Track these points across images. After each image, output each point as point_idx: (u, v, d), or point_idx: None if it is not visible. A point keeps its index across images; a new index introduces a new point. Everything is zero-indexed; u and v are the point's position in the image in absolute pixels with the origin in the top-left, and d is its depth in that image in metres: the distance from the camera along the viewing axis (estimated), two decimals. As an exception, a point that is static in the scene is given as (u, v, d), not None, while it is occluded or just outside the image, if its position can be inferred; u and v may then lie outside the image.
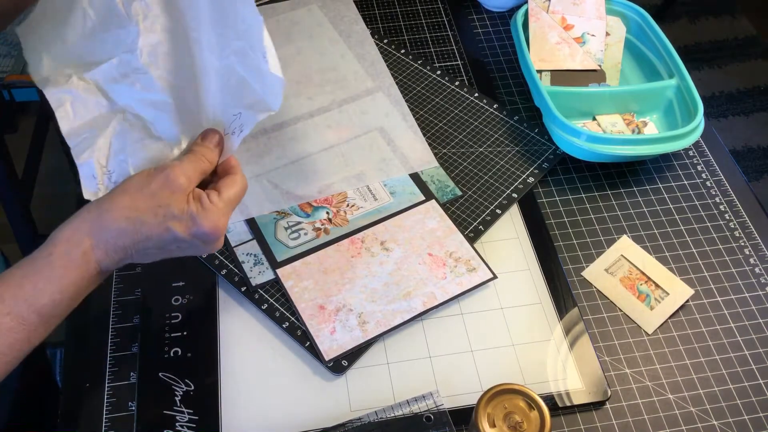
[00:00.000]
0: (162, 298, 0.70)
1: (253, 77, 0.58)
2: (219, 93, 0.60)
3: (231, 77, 0.59)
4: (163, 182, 0.54)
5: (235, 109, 0.59)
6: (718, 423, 0.64)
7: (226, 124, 0.60)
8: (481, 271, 0.71)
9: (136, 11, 0.58)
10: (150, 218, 0.53)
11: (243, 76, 0.58)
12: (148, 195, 0.54)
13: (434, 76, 0.90)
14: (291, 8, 0.96)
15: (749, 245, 0.76)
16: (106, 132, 0.60)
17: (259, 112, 0.59)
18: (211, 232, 0.54)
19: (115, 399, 0.64)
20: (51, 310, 0.52)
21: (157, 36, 0.59)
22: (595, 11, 0.91)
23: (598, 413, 0.64)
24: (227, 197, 0.56)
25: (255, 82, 0.58)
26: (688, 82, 0.81)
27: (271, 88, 0.58)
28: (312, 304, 0.68)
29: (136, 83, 0.59)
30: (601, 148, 0.76)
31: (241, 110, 0.59)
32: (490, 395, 0.54)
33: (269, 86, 0.58)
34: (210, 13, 0.58)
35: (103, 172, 0.59)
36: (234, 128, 0.60)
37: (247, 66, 0.58)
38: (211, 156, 0.58)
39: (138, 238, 0.54)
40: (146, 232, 0.54)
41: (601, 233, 0.77)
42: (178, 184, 0.54)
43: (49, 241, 0.53)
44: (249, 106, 0.59)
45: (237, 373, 0.65)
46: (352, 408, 0.64)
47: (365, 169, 0.79)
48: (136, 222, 0.53)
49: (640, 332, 0.69)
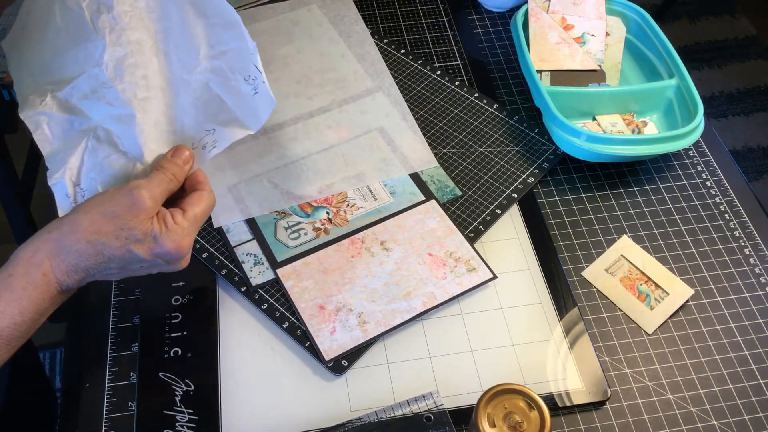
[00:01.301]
0: (162, 298, 0.70)
1: (229, 98, 0.58)
2: (191, 107, 0.59)
3: (204, 93, 0.58)
4: (127, 204, 0.53)
5: (209, 125, 0.59)
6: (718, 423, 0.64)
7: (197, 138, 0.60)
8: (481, 271, 0.71)
9: (104, 24, 0.58)
10: (112, 241, 0.53)
11: (217, 94, 0.58)
12: (110, 217, 0.53)
13: (434, 76, 0.90)
14: (291, 8, 0.96)
15: (749, 245, 0.76)
16: (78, 149, 0.59)
17: (235, 129, 0.58)
18: (174, 253, 0.54)
19: (115, 399, 0.64)
20: (12, 332, 0.51)
21: (123, 49, 0.58)
22: (595, 11, 0.91)
23: (598, 413, 0.64)
24: (192, 216, 0.56)
25: (231, 102, 0.58)
26: (688, 82, 0.81)
27: (253, 111, 0.58)
28: (312, 304, 0.68)
29: (103, 98, 0.59)
30: (601, 148, 0.76)
31: (214, 127, 0.59)
32: (490, 395, 0.54)
33: (250, 108, 0.58)
34: (182, 27, 0.58)
35: (75, 191, 0.59)
36: (206, 143, 0.59)
37: (223, 86, 0.58)
38: (180, 173, 0.57)
39: (99, 260, 0.53)
40: (108, 254, 0.53)
41: (601, 233, 0.77)
42: (143, 206, 0.53)
43: (9, 263, 0.52)
44: (223, 124, 0.59)
45: (237, 373, 0.65)
46: (352, 408, 0.64)
47: (365, 169, 0.79)
48: (97, 245, 0.53)
49: (640, 332, 0.69)
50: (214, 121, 0.59)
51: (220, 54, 0.58)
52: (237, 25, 0.58)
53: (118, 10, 0.58)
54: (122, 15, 0.58)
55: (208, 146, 0.59)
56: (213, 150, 0.59)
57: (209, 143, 0.59)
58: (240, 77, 0.58)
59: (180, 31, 0.58)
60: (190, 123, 0.59)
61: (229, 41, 0.58)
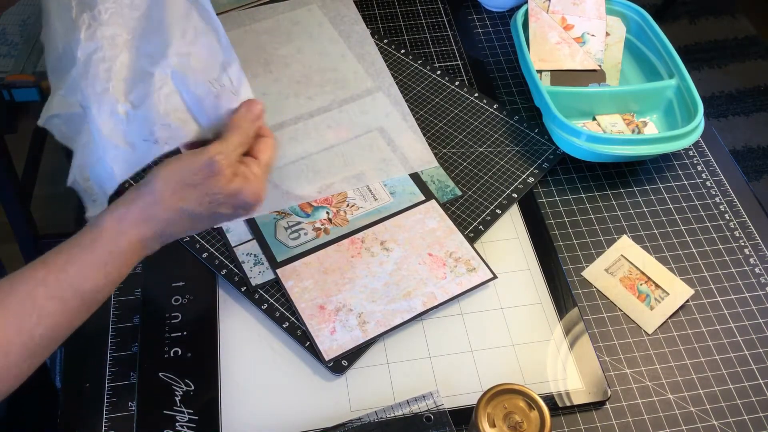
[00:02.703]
0: (162, 298, 0.70)
1: (189, 96, 0.58)
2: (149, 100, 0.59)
3: (164, 88, 0.59)
4: (208, 174, 0.54)
5: (165, 119, 0.59)
6: (718, 423, 0.64)
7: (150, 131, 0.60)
8: (481, 271, 0.71)
9: (83, 21, 0.58)
10: (198, 207, 0.55)
11: (178, 91, 0.58)
12: (193, 185, 0.54)
13: (434, 76, 0.90)
14: (291, 8, 0.96)
15: (749, 245, 0.76)
16: (78, 146, 0.60)
17: (191, 129, 0.58)
18: (254, 201, 0.56)
19: (115, 399, 0.64)
20: (94, 294, 0.53)
21: (95, 44, 0.58)
22: (595, 11, 0.91)
23: (598, 413, 0.64)
24: (265, 162, 0.57)
25: (190, 100, 0.58)
26: (688, 82, 0.81)
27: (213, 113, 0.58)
28: (312, 304, 0.68)
29: (79, 93, 0.59)
30: (601, 148, 0.76)
31: (170, 122, 0.59)
32: (490, 395, 0.54)
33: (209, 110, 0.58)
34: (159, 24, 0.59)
35: (87, 185, 0.59)
36: (158, 138, 0.59)
37: (184, 84, 0.58)
38: (252, 130, 0.58)
39: (187, 226, 0.56)
40: (196, 218, 0.55)
41: (601, 233, 0.77)
42: (223, 173, 0.54)
43: (93, 227, 0.54)
44: (180, 121, 0.59)
45: (237, 372, 0.65)
46: (352, 408, 0.64)
47: (365, 169, 0.79)
48: (183, 213, 0.54)
49: (640, 332, 0.69)
50: (170, 117, 0.58)
51: (190, 54, 0.58)
52: (218, 33, 0.59)
53: (100, 7, 0.58)
54: (103, 12, 0.58)
55: (161, 141, 0.59)
56: (165, 146, 0.59)
57: (163, 138, 0.59)
58: (204, 78, 0.58)
59: (157, 27, 0.59)
60: (145, 116, 0.59)
61: (204, 44, 0.58)
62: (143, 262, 0.72)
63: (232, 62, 0.59)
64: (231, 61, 0.59)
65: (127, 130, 0.59)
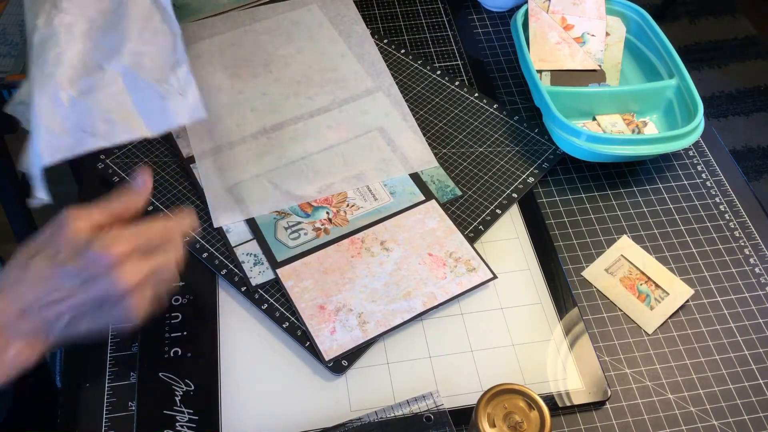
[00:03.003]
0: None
1: (137, 95, 0.58)
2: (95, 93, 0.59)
3: (113, 84, 0.59)
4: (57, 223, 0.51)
5: (108, 115, 0.59)
6: (718, 423, 0.64)
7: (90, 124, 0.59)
8: (481, 271, 0.71)
9: (43, 9, 0.59)
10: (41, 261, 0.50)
11: (125, 89, 0.58)
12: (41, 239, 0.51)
13: (434, 76, 0.90)
14: (291, 8, 0.96)
15: (749, 245, 0.76)
16: None
17: (132, 128, 0.58)
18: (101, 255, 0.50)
19: (115, 399, 0.64)
20: None
21: (50, 31, 0.59)
22: (595, 11, 0.91)
23: (598, 413, 0.64)
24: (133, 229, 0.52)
25: (137, 100, 0.58)
26: (688, 82, 0.81)
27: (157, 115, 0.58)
28: (312, 304, 0.68)
29: None
30: (601, 148, 0.76)
31: (111, 117, 0.59)
32: (490, 395, 0.54)
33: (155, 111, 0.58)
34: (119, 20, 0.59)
35: None
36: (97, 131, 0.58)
37: (134, 83, 0.58)
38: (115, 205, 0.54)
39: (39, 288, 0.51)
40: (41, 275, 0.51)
41: (601, 233, 0.77)
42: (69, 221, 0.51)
43: None
44: (123, 119, 0.59)
45: (237, 373, 0.65)
46: (352, 408, 0.64)
47: (365, 169, 0.79)
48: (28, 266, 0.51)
49: (640, 332, 0.69)
50: (113, 113, 0.58)
51: (144, 53, 0.58)
52: (176, 38, 0.59)
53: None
54: (65, 0, 0.59)
55: (99, 135, 0.58)
56: (102, 141, 0.58)
57: (101, 133, 0.58)
58: (154, 78, 0.58)
59: (117, 23, 0.59)
60: (89, 108, 0.58)
61: (159, 44, 0.58)
62: (143, 262, 0.72)
63: (182, 63, 0.60)
64: (181, 62, 0.59)
65: (66, 116, 0.58)
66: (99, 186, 0.79)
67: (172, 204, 0.76)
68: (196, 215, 0.57)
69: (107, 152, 0.80)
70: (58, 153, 0.58)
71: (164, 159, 0.80)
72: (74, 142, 0.58)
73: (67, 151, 0.58)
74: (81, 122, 0.58)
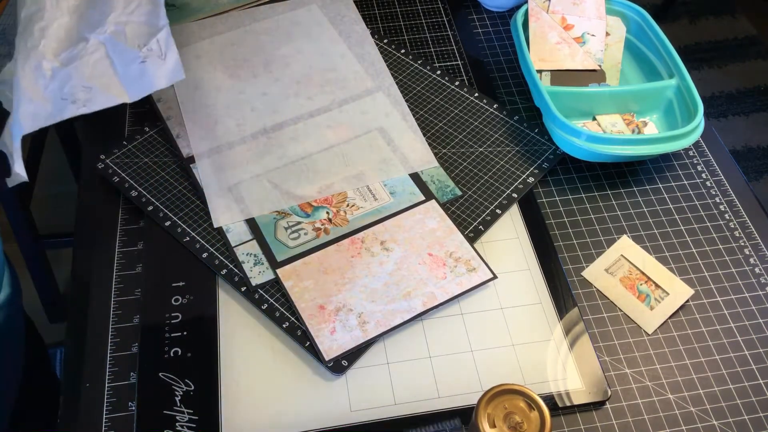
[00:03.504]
0: (162, 298, 0.70)
1: (118, 61, 0.59)
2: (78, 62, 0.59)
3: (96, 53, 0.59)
4: None
5: (88, 83, 0.59)
6: (718, 423, 0.64)
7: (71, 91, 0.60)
8: (481, 271, 0.71)
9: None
10: None
11: (108, 55, 0.58)
12: None
13: (434, 76, 0.90)
14: (291, 8, 0.96)
15: (749, 245, 0.76)
16: None
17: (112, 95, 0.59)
18: None
19: (115, 399, 0.64)
20: None
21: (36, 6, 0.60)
22: (595, 11, 0.91)
23: (598, 413, 0.64)
24: None
25: (119, 66, 0.59)
26: (688, 82, 0.81)
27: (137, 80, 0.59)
28: (312, 304, 0.68)
29: None
30: (601, 148, 0.76)
31: (93, 86, 0.59)
32: (491, 396, 0.54)
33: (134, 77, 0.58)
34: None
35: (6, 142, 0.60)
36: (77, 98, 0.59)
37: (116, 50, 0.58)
38: None
39: None
40: None
41: (601, 233, 0.77)
42: None
43: None
44: (103, 86, 0.59)
45: (237, 373, 0.65)
46: (352, 408, 0.64)
47: (365, 169, 0.79)
48: None
49: (640, 332, 0.69)
50: (94, 80, 0.59)
51: (127, 23, 0.59)
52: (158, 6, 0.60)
53: None
54: None
55: (79, 102, 0.59)
56: (82, 108, 0.58)
57: (81, 99, 0.59)
58: (135, 44, 0.59)
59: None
60: (70, 75, 0.59)
61: (142, 14, 0.59)
62: (143, 262, 0.72)
63: (163, 28, 0.60)
64: (161, 27, 0.60)
65: (47, 85, 0.59)
66: (99, 186, 0.79)
67: (172, 204, 0.76)
68: None
69: (107, 152, 0.80)
70: (39, 121, 0.59)
71: (164, 159, 0.80)
72: (54, 110, 0.59)
73: (46, 120, 0.58)
74: (62, 90, 0.59)
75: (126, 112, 0.86)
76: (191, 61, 0.88)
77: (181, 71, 0.61)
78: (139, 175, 0.78)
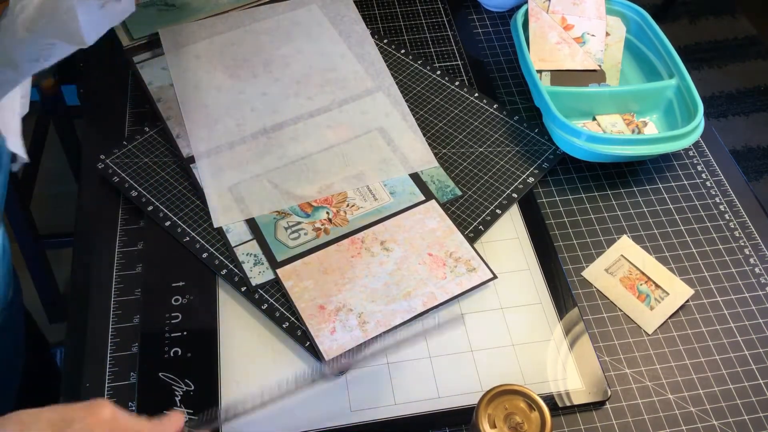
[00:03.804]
0: (162, 298, 0.70)
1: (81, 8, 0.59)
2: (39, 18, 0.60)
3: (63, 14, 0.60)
4: (84, 404, 0.50)
5: (50, 40, 0.60)
6: (718, 423, 0.64)
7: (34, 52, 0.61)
8: (481, 271, 0.71)
9: None
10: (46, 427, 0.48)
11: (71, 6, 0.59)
12: (60, 410, 0.50)
13: (434, 76, 0.90)
14: (291, 8, 0.96)
15: (749, 245, 0.76)
16: None
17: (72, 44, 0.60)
18: None
19: (115, 399, 0.64)
20: None
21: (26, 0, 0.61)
22: (595, 11, 0.91)
23: (598, 413, 0.64)
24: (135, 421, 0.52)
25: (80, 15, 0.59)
26: (688, 82, 0.81)
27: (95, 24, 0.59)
28: (312, 304, 0.68)
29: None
30: (601, 148, 0.76)
31: (55, 42, 0.60)
32: (491, 396, 0.54)
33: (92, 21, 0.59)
34: None
35: None
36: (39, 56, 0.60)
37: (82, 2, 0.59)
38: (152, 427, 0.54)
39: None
40: None
41: (601, 233, 0.77)
42: (98, 410, 0.49)
43: None
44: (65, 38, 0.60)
45: (237, 373, 0.65)
46: (352, 408, 0.64)
47: (365, 169, 0.79)
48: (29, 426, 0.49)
49: (640, 332, 0.69)
50: (60, 37, 0.60)
51: None
52: None
53: None
54: None
55: (41, 59, 0.60)
56: (44, 63, 0.60)
57: (44, 56, 0.60)
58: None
59: None
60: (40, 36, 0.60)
61: None
62: (143, 262, 0.72)
63: None
64: None
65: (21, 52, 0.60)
66: (99, 186, 0.79)
67: (172, 204, 0.76)
68: None
69: (107, 152, 0.80)
70: (6, 87, 0.61)
71: (164, 159, 0.80)
72: (20, 73, 0.61)
73: (12, 85, 0.61)
74: (31, 54, 0.60)
75: (126, 112, 0.86)
76: (191, 61, 0.88)
77: (132, 4, 0.61)
78: (139, 175, 0.78)
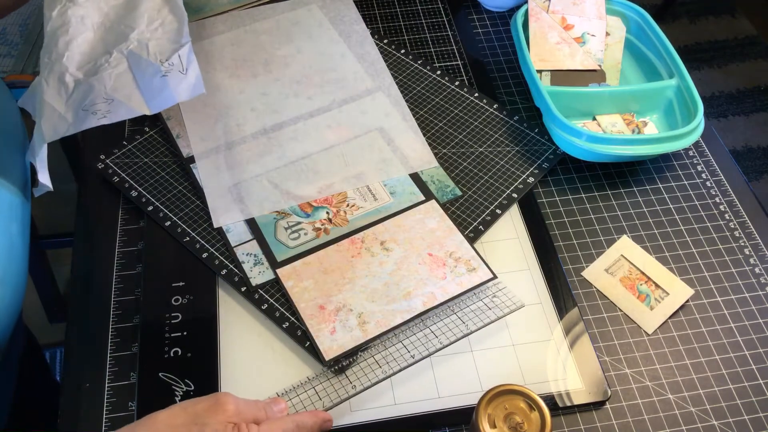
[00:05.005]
0: (162, 298, 0.70)
1: (139, 74, 0.60)
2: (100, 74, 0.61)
3: (119, 66, 0.60)
4: (209, 404, 0.53)
5: (109, 94, 0.61)
6: (718, 423, 0.64)
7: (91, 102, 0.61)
8: (481, 271, 0.71)
9: (55, 4, 0.63)
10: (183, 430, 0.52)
11: (129, 69, 0.60)
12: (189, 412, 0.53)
13: (434, 76, 0.90)
14: (291, 8, 0.96)
15: (749, 245, 0.76)
16: None
17: (133, 107, 0.60)
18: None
19: (115, 399, 0.64)
20: None
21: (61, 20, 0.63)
22: (595, 11, 0.91)
23: (598, 413, 0.64)
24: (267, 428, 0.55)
25: (140, 79, 0.60)
26: (688, 82, 0.81)
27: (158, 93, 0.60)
28: (312, 304, 0.68)
29: None
30: (601, 148, 0.76)
31: (114, 97, 0.60)
32: (491, 396, 0.54)
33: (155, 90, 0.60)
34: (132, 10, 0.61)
35: None
36: (98, 109, 0.60)
37: (138, 63, 0.60)
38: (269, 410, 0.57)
39: None
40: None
41: (601, 233, 0.77)
42: (223, 407, 0.53)
43: None
44: (124, 98, 0.60)
45: (237, 373, 0.65)
46: (352, 408, 0.64)
47: (365, 169, 0.79)
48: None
49: (640, 332, 0.69)
50: (116, 92, 0.60)
51: (150, 39, 0.60)
52: (182, 24, 0.61)
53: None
54: None
55: (100, 113, 0.60)
56: (102, 119, 0.60)
57: (102, 111, 0.60)
58: (157, 59, 0.60)
59: (128, 14, 0.61)
60: (92, 87, 0.60)
61: (166, 31, 0.60)
62: (143, 262, 0.72)
63: (185, 44, 0.61)
64: (184, 43, 0.61)
65: (69, 96, 0.61)
66: (99, 186, 0.79)
67: (172, 204, 0.76)
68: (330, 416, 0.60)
69: (107, 152, 0.80)
70: (60, 131, 0.60)
71: (164, 159, 0.80)
72: (76, 121, 0.60)
73: (67, 129, 0.60)
74: (83, 102, 0.60)
75: (126, 112, 0.86)
76: (191, 61, 0.88)
77: (202, 86, 0.62)
78: (139, 175, 0.78)
